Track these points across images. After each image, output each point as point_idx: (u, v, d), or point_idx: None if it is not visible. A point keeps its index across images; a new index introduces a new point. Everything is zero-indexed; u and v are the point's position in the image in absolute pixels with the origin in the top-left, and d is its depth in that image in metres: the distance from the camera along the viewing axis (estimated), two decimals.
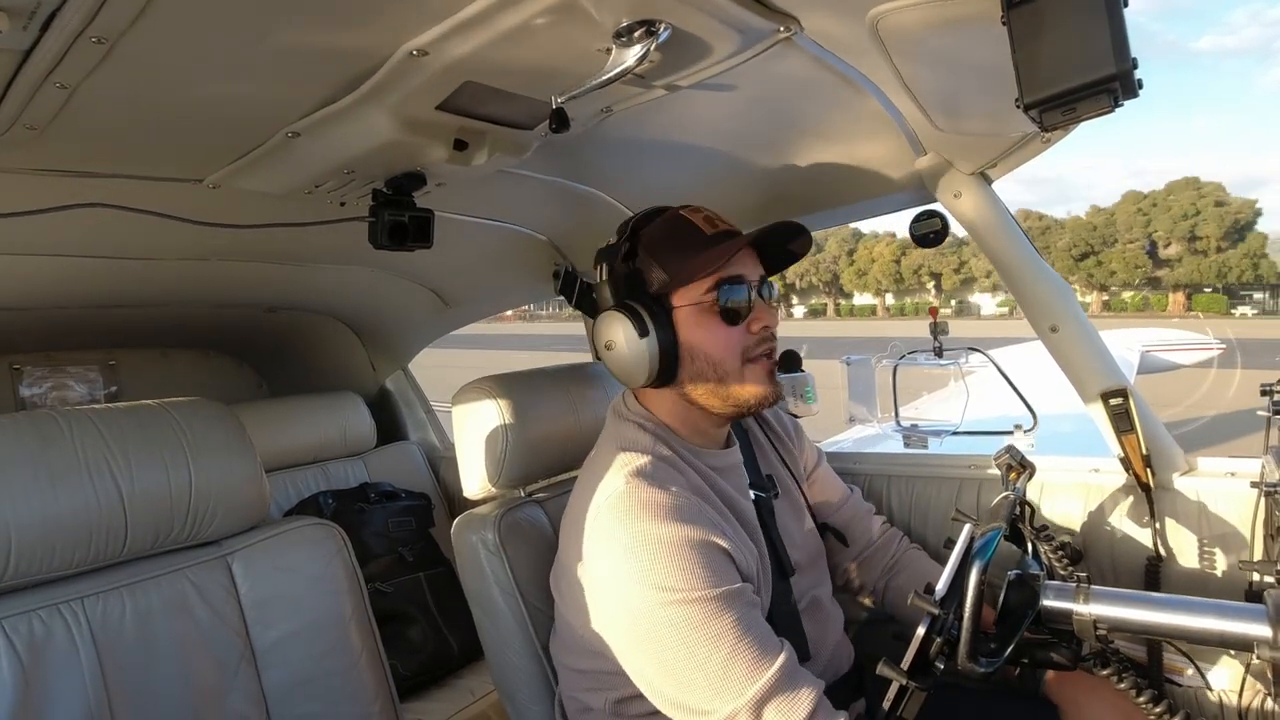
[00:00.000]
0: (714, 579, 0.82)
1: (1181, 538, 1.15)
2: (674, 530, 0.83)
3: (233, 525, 0.98)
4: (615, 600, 0.85)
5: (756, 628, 0.83)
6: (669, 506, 0.85)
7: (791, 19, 0.78)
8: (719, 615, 0.80)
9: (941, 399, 3.11)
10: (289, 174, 1.08)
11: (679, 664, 0.81)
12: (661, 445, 0.95)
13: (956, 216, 1.17)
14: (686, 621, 0.80)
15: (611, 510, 0.86)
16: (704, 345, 0.93)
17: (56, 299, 1.63)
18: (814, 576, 1.11)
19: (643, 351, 0.92)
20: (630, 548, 0.83)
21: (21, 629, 0.81)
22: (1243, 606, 0.72)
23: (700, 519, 0.86)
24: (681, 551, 0.82)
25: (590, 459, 0.99)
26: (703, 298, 0.92)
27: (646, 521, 0.84)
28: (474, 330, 2.65)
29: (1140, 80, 0.61)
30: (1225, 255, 46.88)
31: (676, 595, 0.80)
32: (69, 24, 0.65)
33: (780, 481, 1.13)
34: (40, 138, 0.89)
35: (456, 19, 0.72)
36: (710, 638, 0.80)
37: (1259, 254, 46.47)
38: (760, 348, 0.95)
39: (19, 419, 0.85)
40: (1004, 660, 0.74)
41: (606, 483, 0.89)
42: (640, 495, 0.86)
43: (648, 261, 0.94)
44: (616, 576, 0.84)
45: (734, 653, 0.79)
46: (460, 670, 1.85)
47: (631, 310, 0.92)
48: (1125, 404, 1.13)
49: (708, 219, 0.96)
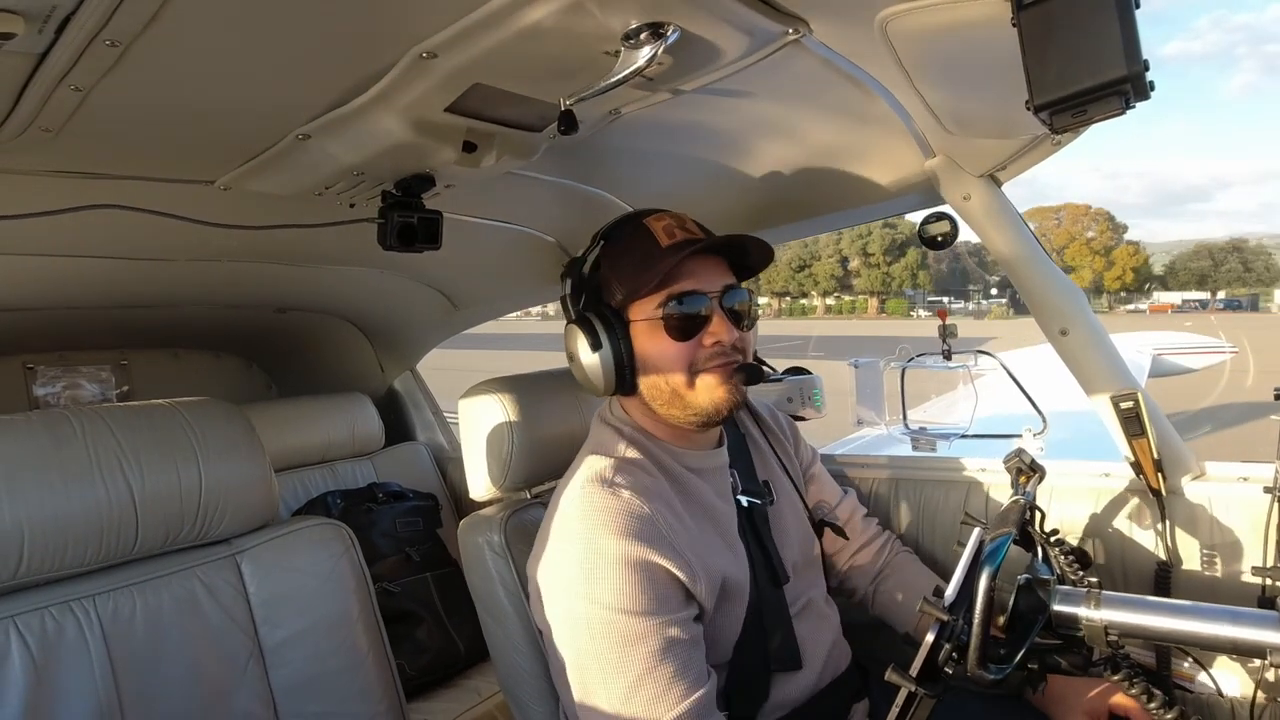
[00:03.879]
0: (645, 603, 0.84)
1: (1192, 543, 1.14)
2: (619, 546, 0.85)
3: (242, 524, 0.98)
4: (555, 595, 0.89)
5: (674, 662, 0.84)
6: (622, 514, 0.87)
7: (800, 21, 0.78)
8: (637, 641, 0.83)
9: (949, 402, 3.10)
10: (299, 176, 1.09)
11: (591, 676, 0.84)
12: (633, 449, 0.96)
13: (966, 219, 1.17)
14: (606, 637, 0.83)
15: (567, 513, 0.90)
16: (654, 359, 0.93)
17: (69, 299, 1.64)
18: (809, 578, 1.10)
19: (596, 364, 0.94)
20: (575, 552, 0.86)
21: (34, 626, 0.82)
22: (1255, 613, 0.71)
23: (650, 535, 0.87)
24: (618, 567, 0.84)
25: (574, 462, 1.00)
26: (653, 313, 0.92)
27: (594, 532, 0.86)
28: (487, 329, 2.64)
29: (1152, 82, 0.60)
30: (890, 268, 68.66)
31: (603, 610, 0.84)
32: (84, 27, 0.65)
33: (777, 487, 1.12)
34: (54, 140, 0.90)
35: (466, 22, 0.73)
36: (622, 661, 0.82)
37: (916, 267, 68.70)
38: (712, 361, 0.92)
39: (32, 418, 0.86)
40: (1014, 666, 0.73)
41: (570, 491, 0.92)
42: (593, 503, 0.88)
43: (608, 275, 0.96)
44: (558, 575, 0.88)
45: (638, 683, 0.82)
46: (467, 670, 1.86)
47: (586, 322, 0.94)
48: (1136, 408, 1.12)
49: (668, 228, 0.94)
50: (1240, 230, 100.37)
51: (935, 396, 3.35)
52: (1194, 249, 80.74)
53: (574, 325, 0.96)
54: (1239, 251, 76.60)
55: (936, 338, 1.54)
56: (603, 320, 0.94)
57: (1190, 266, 77.04)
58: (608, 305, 0.96)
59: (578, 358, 0.96)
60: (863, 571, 1.24)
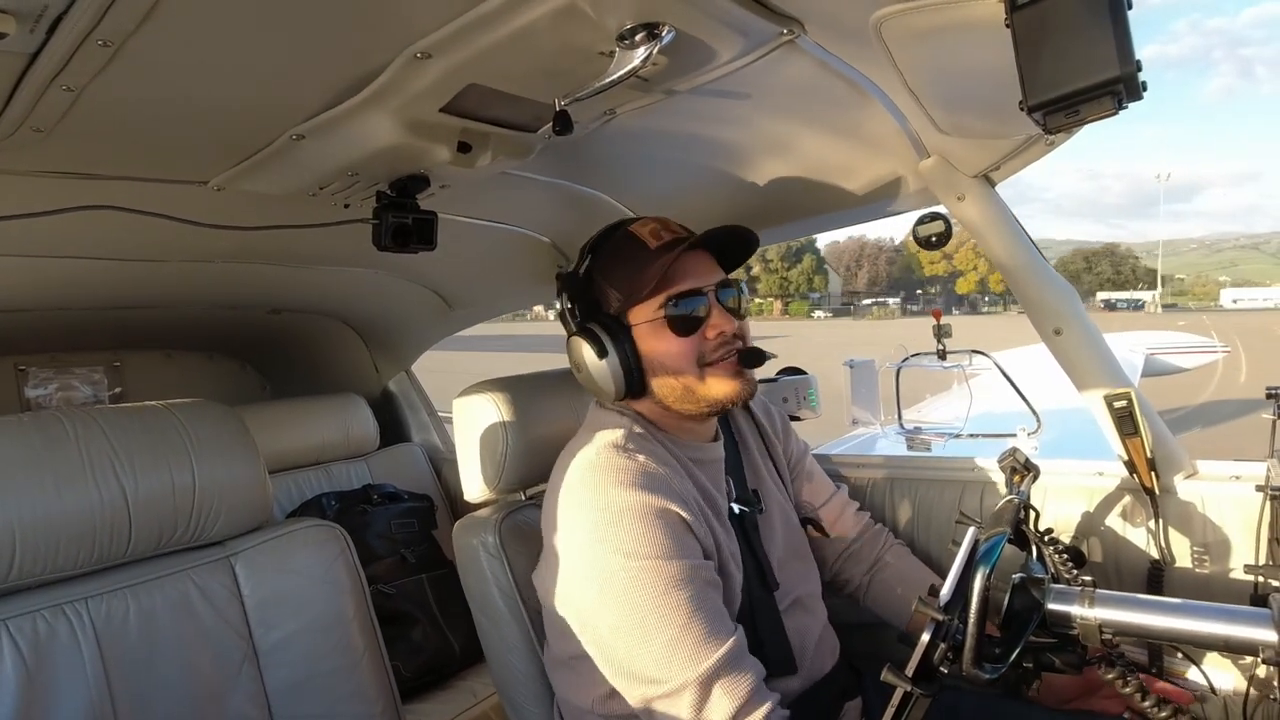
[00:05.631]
0: (674, 549, 0.85)
1: (1185, 541, 1.15)
2: (641, 497, 0.86)
3: (236, 526, 0.98)
4: (584, 564, 0.88)
5: (710, 607, 0.85)
6: (636, 473, 0.89)
7: (795, 22, 0.78)
8: (675, 588, 0.83)
9: (944, 402, 3.11)
10: (293, 176, 1.09)
11: (632, 630, 0.83)
12: (638, 425, 0.99)
13: (959, 219, 1.17)
14: (642, 586, 0.83)
15: (583, 481, 0.90)
16: (662, 359, 0.96)
17: (61, 300, 1.63)
18: (798, 574, 1.11)
19: (605, 371, 0.96)
20: (599, 511, 0.87)
21: (25, 629, 0.81)
22: (1248, 611, 0.71)
23: (665, 490, 0.89)
24: (646, 518, 0.85)
25: (567, 446, 1.01)
26: (655, 314, 0.95)
27: (614, 488, 0.87)
28: (482, 330, 2.63)
29: (1144, 82, 0.60)
30: (789, 272, 79.39)
31: (636, 561, 0.84)
32: (76, 27, 0.65)
33: (765, 494, 1.13)
34: (46, 140, 0.89)
35: (460, 22, 0.72)
36: (663, 611, 0.82)
37: (812, 272, 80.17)
38: (718, 352, 0.96)
39: (24, 420, 0.85)
40: (1009, 665, 0.73)
41: (580, 457, 0.93)
42: (610, 462, 0.90)
43: (602, 284, 0.99)
44: (582, 537, 0.88)
45: (685, 629, 0.82)
46: (462, 672, 1.85)
47: (591, 333, 0.97)
48: (1129, 407, 1.12)
49: (654, 231, 0.98)
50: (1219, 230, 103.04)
51: (930, 396, 3.36)
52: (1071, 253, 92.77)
53: (577, 337, 0.99)
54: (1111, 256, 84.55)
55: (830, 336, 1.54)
56: (605, 328, 0.97)
57: (1068, 269, 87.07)
58: (606, 313, 0.99)
59: (585, 367, 0.98)
60: (855, 565, 1.25)
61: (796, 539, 1.15)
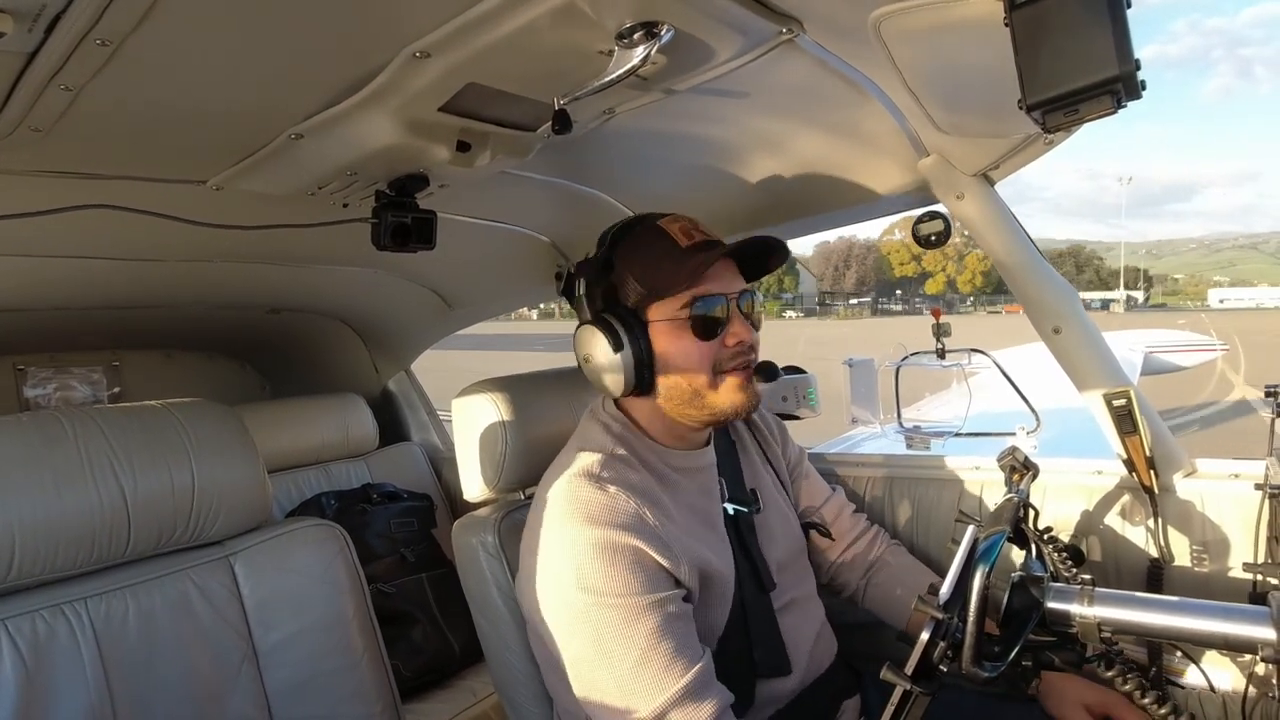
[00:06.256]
0: (636, 585, 0.84)
1: (1184, 540, 1.15)
2: (605, 533, 0.86)
3: (235, 526, 0.98)
4: (546, 591, 0.89)
5: (673, 637, 0.85)
6: (605, 507, 0.88)
7: (794, 21, 0.78)
8: (635, 621, 0.83)
9: (943, 401, 3.11)
10: (292, 176, 1.08)
11: (593, 664, 0.84)
12: (620, 445, 0.97)
13: (959, 218, 1.17)
14: (604, 623, 0.83)
15: (552, 507, 0.90)
16: (677, 359, 0.94)
17: (60, 300, 1.63)
18: (795, 575, 1.11)
19: (618, 365, 0.93)
20: (562, 544, 0.87)
21: (25, 629, 0.81)
22: (1247, 609, 0.71)
23: (635, 525, 0.88)
24: (607, 553, 0.85)
25: (556, 459, 1.00)
26: (677, 313, 0.93)
27: (580, 521, 0.87)
28: (482, 329, 2.62)
29: (1143, 81, 0.60)
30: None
31: (597, 596, 0.84)
32: (74, 26, 0.65)
33: (764, 494, 1.13)
34: (44, 139, 0.89)
35: (459, 21, 0.72)
36: (623, 642, 0.83)
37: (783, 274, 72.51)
38: (734, 360, 0.95)
39: (23, 420, 0.85)
40: (1008, 664, 0.74)
41: (556, 481, 0.93)
42: (580, 494, 0.89)
43: (623, 275, 0.95)
44: (547, 569, 0.88)
45: (643, 660, 0.82)
46: (462, 671, 1.85)
47: (607, 324, 0.94)
48: (1128, 405, 1.13)
49: (685, 229, 0.96)
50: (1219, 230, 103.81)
51: (929, 394, 3.36)
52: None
53: (591, 326, 0.95)
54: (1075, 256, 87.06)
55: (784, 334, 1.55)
56: (621, 321, 0.94)
57: None
58: (624, 306, 0.95)
59: (594, 359, 0.95)
60: (852, 567, 1.24)
61: (796, 545, 1.14)
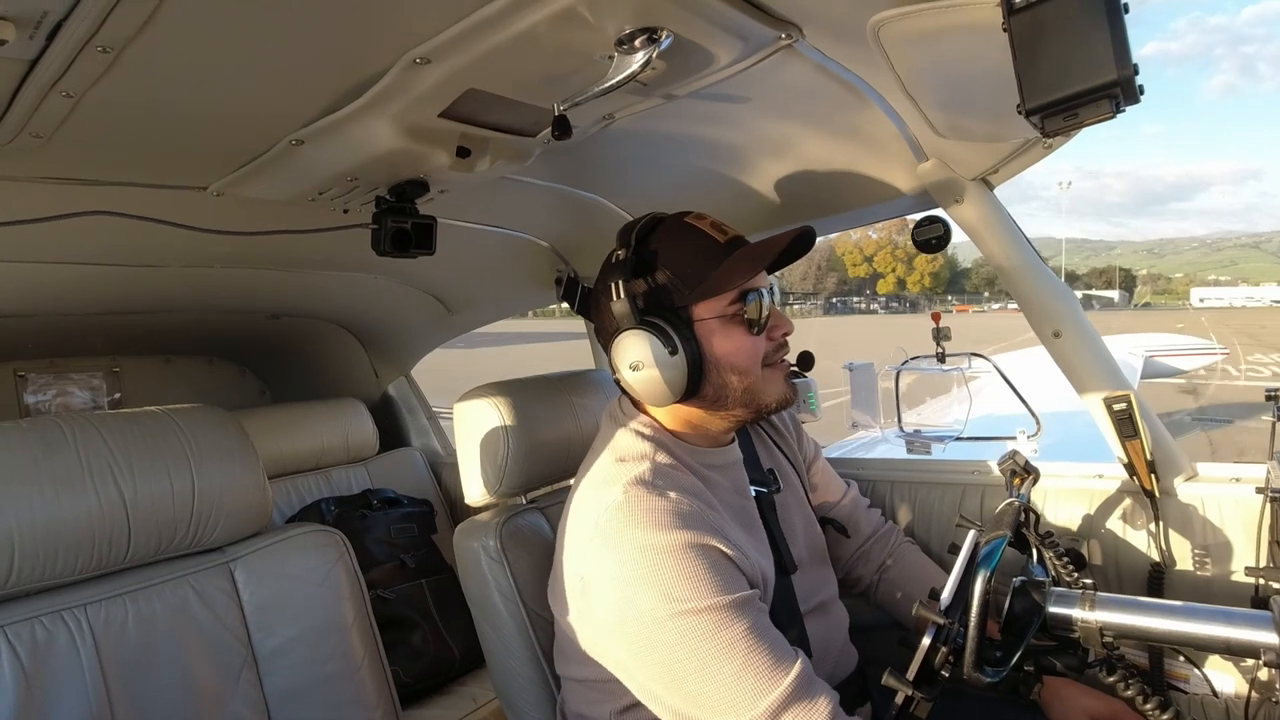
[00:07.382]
0: (722, 586, 0.79)
1: (1185, 544, 1.15)
2: (677, 537, 0.80)
3: (235, 531, 0.98)
4: (615, 612, 0.81)
5: (769, 635, 0.80)
6: (671, 513, 0.82)
7: (793, 26, 0.78)
8: (730, 624, 0.77)
9: (944, 405, 3.11)
10: (292, 181, 1.09)
11: (688, 677, 0.78)
12: (661, 452, 0.92)
13: (958, 222, 1.17)
14: (695, 632, 0.77)
15: (611, 521, 0.83)
16: (730, 356, 0.90)
17: (61, 306, 1.63)
18: (820, 576, 1.10)
19: (673, 370, 0.88)
20: (632, 557, 0.80)
21: (24, 635, 0.81)
22: (1249, 613, 0.71)
23: (703, 524, 0.84)
24: (686, 558, 0.79)
25: (586, 468, 0.96)
26: (726, 309, 0.90)
27: (649, 530, 0.81)
28: (494, 328, 2.60)
29: (1142, 85, 0.61)
30: None
31: (684, 605, 0.77)
32: (75, 33, 0.65)
33: (782, 474, 1.12)
34: (46, 146, 0.89)
35: (459, 27, 0.73)
36: (721, 648, 0.77)
37: None
38: (779, 353, 0.95)
39: (23, 425, 0.85)
40: (1010, 668, 0.73)
41: (604, 493, 0.87)
42: (641, 503, 0.83)
43: (664, 274, 0.91)
44: (617, 587, 0.81)
45: (746, 663, 0.77)
46: (462, 677, 1.85)
47: (657, 328, 0.88)
48: (1129, 409, 1.12)
49: (715, 225, 0.93)
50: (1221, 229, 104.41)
51: (929, 398, 3.36)
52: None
53: (639, 330, 0.88)
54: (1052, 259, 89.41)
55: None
56: (669, 323, 0.89)
57: (982, 271, 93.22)
58: (669, 307, 0.90)
59: (647, 365, 0.88)
60: (867, 563, 1.25)
61: (816, 540, 1.13)
